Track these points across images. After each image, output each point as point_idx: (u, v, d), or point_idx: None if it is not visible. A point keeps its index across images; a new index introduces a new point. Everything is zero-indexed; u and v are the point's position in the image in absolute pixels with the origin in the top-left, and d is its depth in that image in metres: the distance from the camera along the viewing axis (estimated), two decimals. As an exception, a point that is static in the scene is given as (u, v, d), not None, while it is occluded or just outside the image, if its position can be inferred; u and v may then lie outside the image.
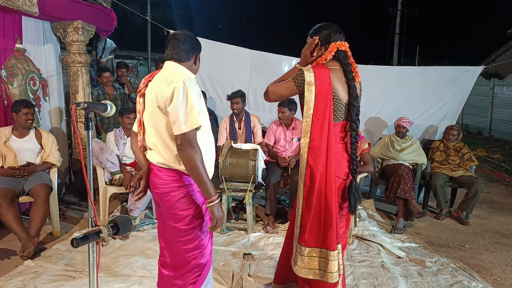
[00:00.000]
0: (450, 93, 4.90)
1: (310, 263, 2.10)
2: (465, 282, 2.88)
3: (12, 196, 3.20)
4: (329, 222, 2.05)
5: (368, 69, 5.01)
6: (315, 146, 2.03)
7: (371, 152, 3.93)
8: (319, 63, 2.08)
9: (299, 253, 2.12)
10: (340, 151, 2.10)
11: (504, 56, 14.48)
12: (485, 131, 11.47)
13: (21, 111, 3.44)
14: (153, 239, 3.48)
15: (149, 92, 1.86)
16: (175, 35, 1.93)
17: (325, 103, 2.01)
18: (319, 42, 2.09)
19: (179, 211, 1.87)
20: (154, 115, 1.84)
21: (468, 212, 4.18)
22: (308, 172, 2.06)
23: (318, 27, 2.13)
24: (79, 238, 1.41)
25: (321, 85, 1.98)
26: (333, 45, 2.05)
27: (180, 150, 1.74)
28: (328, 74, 2.00)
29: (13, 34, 3.82)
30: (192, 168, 1.75)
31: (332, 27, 2.10)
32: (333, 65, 2.06)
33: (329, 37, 2.08)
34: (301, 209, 2.11)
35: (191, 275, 1.93)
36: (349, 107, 2.07)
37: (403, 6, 16.84)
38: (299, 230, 2.13)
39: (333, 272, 2.06)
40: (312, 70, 2.00)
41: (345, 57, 2.08)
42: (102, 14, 4.63)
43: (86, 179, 1.55)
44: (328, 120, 2.02)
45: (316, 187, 2.04)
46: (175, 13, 21.61)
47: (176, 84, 1.73)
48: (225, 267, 2.98)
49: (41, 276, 2.78)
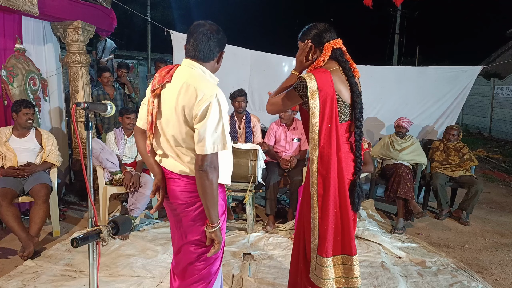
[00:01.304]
0: (449, 93, 4.90)
1: (334, 273, 2.01)
2: (465, 282, 2.88)
3: (12, 196, 3.20)
4: (348, 228, 1.98)
5: (367, 69, 5.00)
6: (325, 154, 1.95)
7: (371, 152, 3.93)
8: (317, 66, 2.01)
9: (321, 265, 2.00)
10: (346, 151, 2.03)
11: (504, 56, 14.49)
12: (485, 131, 11.48)
13: (21, 111, 3.44)
14: (153, 239, 3.48)
15: (170, 98, 1.65)
16: (200, 28, 1.68)
17: (331, 108, 1.93)
18: (312, 45, 2.02)
19: (202, 223, 1.74)
20: (175, 125, 1.65)
21: (468, 212, 4.18)
22: (321, 181, 1.96)
23: (306, 29, 2.05)
24: (79, 238, 1.41)
25: (324, 91, 1.90)
26: (327, 45, 1.98)
27: (202, 171, 1.58)
28: (330, 78, 1.93)
29: (13, 34, 3.82)
30: (211, 192, 1.61)
31: (321, 26, 2.02)
32: (331, 65, 2.00)
33: (321, 37, 2.00)
34: (317, 219, 1.98)
35: (201, 284, 1.83)
36: (353, 105, 2.01)
37: (403, 6, 16.82)
38: (318, 241, 2.00)
39: (357, 276, 2.00)
40: (313, 77, 1.91)
41: (341, 54, 2.02)
42: (102, 14, 4.63)
43: (86, 179, 1.55)
44: (336, 124, 1.94)
45: (331, 195, 1.95)
46: (175, 13, 21.61)
47: (210, 100, 1.55)
48: (225, 267, 2.98)
49: (41, 276, 2.78)
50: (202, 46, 1.67)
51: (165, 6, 20.86)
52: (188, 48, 1.71)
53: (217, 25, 1.73)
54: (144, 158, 1.85)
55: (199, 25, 1.69)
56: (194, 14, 22.89)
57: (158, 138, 1.75)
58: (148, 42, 15.77)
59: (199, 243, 1.78)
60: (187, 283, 1.86)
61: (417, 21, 18.09)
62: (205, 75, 1.70)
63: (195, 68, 1.69)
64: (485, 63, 13.11)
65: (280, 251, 3.31)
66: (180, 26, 18.25)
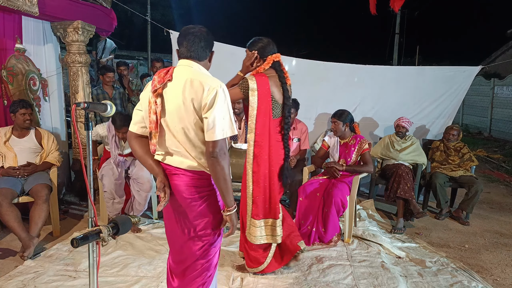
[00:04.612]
0: (447, 93, 4.89)
1: (262, 231, 2.71)
2: (465, 282, 2.88)
3: (12, 196, 3.20)
4: (274, 198, 2.68)
5: (367, 69, 5.01)
6: (259, 139, 2.57)
7: (371, 152, 3.93)
8: (259, 72, 2.57)
9: (253, 225, 2.69)
10: (278, 140, 2.64)
11: (504, 56, 14.49)
12: (485, 131, 11.47)
13: (18, 111, 3.44)
14: (153, 239, 3.48)
15: (175, 95, 1.71)
16: (191, 30, 1.80)
17: (266, 104, 2.53)
18: (258, 56, 2.56)
19: (207, 216, 1.81)
20: (183, 117, 1.70)
21: (468, 212, 4.18)
22: (255, 160, 2.61)
23: (254, 41, 2.60)
24: (79, 238, 1.41)
25: (262, 90, 2.50)
26: (269, 57, 2.56)
27: (213, 157, 1.66)
28: (267, 81, 2.52)
29: (13, 34, 3.82)
30: (223, 177, 1.69)
31: (265, 41, 2.58)
32: (270, 72, 2.59)
33: (265, 50, 2.56)
34: (251, 190, 2.65)
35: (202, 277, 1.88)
36: (284, 105, 2.61)
37: (403, 6, 16.82)
38: (251, 207, 2.68)
39: (279, 234, 2.73)
40: (254, 79, 2.51)
41: (279, 65, 2.61)
42: (102, 14, 4.63)
43: (86, 179, 1.55)
44: (269, 117, 2.56)
45: (261, 172, 2.61)
46: (175, 13, 21.60)
47: (216, 89, 1.66)
48: (225, 267, 2.98)
49: (41, 276, 2.78)
50: (196, 47, 1.79)
51: (165, 6, 20.85)
52: (182, 51, 1.81)
53: (205, 28, 1.85)
54: (142, 160, 1.86)
55: (189, 28, 1.82)
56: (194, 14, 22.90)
57: (162, 137, 1.78)
58: (148, 42, 15.77)
59: (205, 235, 1.84)
60: (188, 280, 1.89)
61: (417, 21, 18.08)
62: (205, 71, 1.82)
63: (193, 66, 1.78)
64: (485, 63, 13.10)
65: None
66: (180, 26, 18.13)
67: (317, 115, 5.02)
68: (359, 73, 5.02)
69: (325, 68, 4.98)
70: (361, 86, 4.98)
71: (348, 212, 3.50)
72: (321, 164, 3.88)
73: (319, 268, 3.02)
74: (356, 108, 4.90)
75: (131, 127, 1.85)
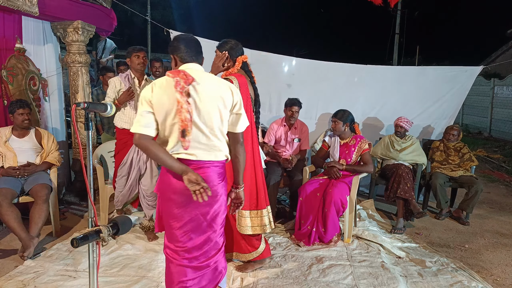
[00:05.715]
0: (449, 93, 4.89)
1: (250, 222, 2.83)
2: (465, 282, 2.88)
3: (12, 196, 3.20)
4: (261, 190, 2.85)
5: (367, 69, 5.01)
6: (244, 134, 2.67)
7: (371, 152, 3.93)
8: (232, 73, 2.70)
9: (242, 216, 2.82)
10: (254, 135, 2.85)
11: (504, 56, 14.48)
12: (485, 131, 11.47)
13: (16, 111, 3.44)
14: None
15: (208, 93, 1.88)
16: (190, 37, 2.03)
17: (247, 102, 2.69)
18: (228, 56, 2.69)
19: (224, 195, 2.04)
20: (216, 113, 1.91)
21: (468, 212, 4.18)
22: None
23: (223, 42, 2.74)
24: (79, 238, 1.41)
25: (243, 88, 2.65)
26: (239, 58, 2.73)
27: (241, 144, 2.05)
28: (245, 80, 2.73)
29: (13, 34, 3.82)
30: (244, 158, 2.11)
31: (233, 42, 2.73)
32: (241, 72, 2.77)
33: (234, 50, 2.71)
34: None
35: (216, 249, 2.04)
36: (255, 102, 2.88)
37: (403, 6, 16.83)
38: None
39: (267, 224, 2.85)
40: (236, 78, 2.64)
41: (247, 66, 2.82)
42: (102, 14, 4.63)
43: (86, 179, 1.55)
44: (250, 114, 2.71)
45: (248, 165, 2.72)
46: (175, 13, 21.61)
47: (236, 89, 2.00)
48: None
49: (41, 276, 2.78)
50: (197, 52, 2.00)
51: (165, 6, 20.86)
52: (188, 55, 1.96)
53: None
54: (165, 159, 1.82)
55: (184, 35, 2.05)
56: (194, 14, 22.92)
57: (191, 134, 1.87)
58: (148, 42, 15.79)
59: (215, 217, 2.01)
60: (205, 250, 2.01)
61: (417, 21, 18.08)
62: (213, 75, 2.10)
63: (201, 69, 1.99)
64: (485, 63, 13.12)
65: (280, 251, 3.31)
66: (180, 26, 18.27)
67: (318, 115, 5.02)
68: (360, 73, 5.01)
69: (325, 68, 4.97)
70: (361, 86, 4.98)
71: (348, 212, 3.50)
72: (321, 164, 3.88)
73: (319, 268, 3.02)
74: (357, 108, 4.90)
75: (146, 130, 1.81)
